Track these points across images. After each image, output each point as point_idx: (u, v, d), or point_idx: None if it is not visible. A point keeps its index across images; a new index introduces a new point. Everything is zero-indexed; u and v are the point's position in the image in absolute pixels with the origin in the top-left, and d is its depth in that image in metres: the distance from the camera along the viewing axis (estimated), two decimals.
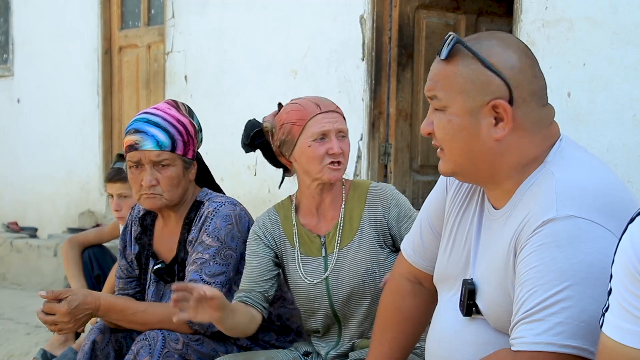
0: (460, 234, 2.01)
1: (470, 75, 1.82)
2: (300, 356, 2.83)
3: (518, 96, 1.81)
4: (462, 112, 1.83)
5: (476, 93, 1.82)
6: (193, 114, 3.01)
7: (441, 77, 1.86)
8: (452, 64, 1.84)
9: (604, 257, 1.66)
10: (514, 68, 1.82)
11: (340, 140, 2.73)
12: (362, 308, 2.74)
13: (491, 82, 1.81)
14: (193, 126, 2.95)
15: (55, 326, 2.73)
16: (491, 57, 1.82)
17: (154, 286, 3.03)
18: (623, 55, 3.71)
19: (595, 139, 3.80)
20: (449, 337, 1.95)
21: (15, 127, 8.32)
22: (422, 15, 5.30)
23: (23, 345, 4.74)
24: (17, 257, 6.93)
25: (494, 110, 1.81)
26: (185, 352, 2.76)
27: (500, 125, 1.82)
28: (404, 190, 5.25)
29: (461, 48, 1.83)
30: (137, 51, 7.25)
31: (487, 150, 1.84)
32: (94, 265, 4.33)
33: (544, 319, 1.65)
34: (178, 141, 2.88)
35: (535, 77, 1.84)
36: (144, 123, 2.88)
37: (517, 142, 1.83)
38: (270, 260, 2.79)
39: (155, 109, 2.94)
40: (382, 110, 5.17)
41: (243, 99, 5.89)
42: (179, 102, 3.01)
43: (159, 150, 2.85)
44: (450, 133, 1.86)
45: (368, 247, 2.74)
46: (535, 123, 1.83)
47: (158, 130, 2.86)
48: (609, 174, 1.81)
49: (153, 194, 2.89)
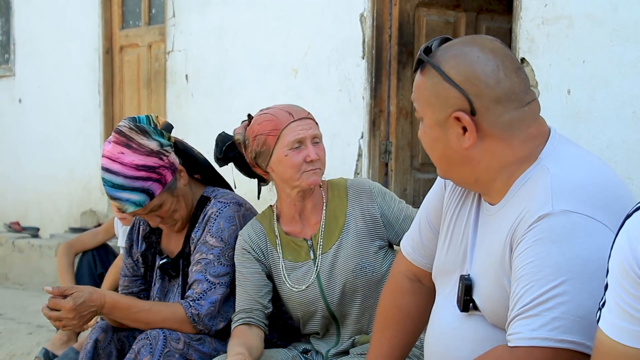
0: (457, 230, 2.01)
1: (433, 88, 1.85)
2: (299, 354, 2.83)
3: (480, 105, 1.81)
4: (432, 124, 1.87)
5: (440, 106, 1.84)
6: (147, 132, 2.84)
7: (416, 88, 1.91)
8: (422, 76, 1.89)
9: (600, 251, 1.66)
10: (473, 78, 1.81)
11: (315, 145, 2.73)
12: (357, 304, 2.74)
13: (450, 95, 1.83)
14: (152, 155, 2.82)
15: (59, 322, 2.74)
16: (451, 69, 1.83)
17: (159, 283, 3.04)
18: (623, 53, 3.71)
19: (595, 136, 3.79)
20: (447, 333, 1.96)
21: (16, 127, 8.33)
22: (422, 13, 5.31)
23: (25, 345, 4.75)
24: (19, 257, 6.94)
25: (458, 121, 1.82)
26: (187, 351, 2.76)
27: (467, 135, 1.83)
28: (405, 188, 5.26)
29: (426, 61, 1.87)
30: (138, 51, 7.26)
31: (462, 158, 1.86)
32: (97, 264, 4.34)
33: (540, 314, 1.65)
34: (152, 188, 2.83)
35: (498, 83, 1.81)
36: (111, 189, 2.82)
37: (490, 148, 1.83)
38: (264, 274, 2.81)
39: (110, 160, 2.81)
40: (383, 109, 5.18)
41: (244, 98, 5.90)
42: (125, 130, 2.83)
43: (141, 208, 2.87)
44: (428, 143, 1.91)
45: (356, 243, 2.74)
46: (507, 127, 1.82)
47: (128, 193, 2.82)
48: (604, 169, 1.81)
49: (166, 225, 2.98)
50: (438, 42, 1.91)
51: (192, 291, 2.83)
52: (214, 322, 2.82)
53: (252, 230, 2.84)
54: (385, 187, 5.17)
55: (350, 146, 5.18)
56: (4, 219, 8.03)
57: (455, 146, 1.85)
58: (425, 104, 1.87)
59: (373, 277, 2.72)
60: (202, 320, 2.79)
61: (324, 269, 2.75)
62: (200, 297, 2.80)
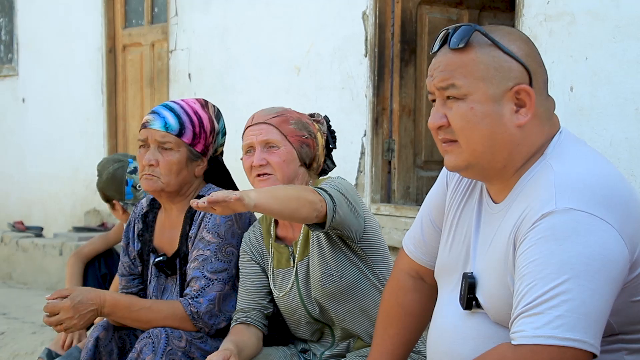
0: (460, 228, 2.01)
1: (492, 62, 1.82)
2: (298, 353, 2.83)
3: (535, 83, 1.84)
4: (484, 99, 1.82)
5: (499, 79, 1.82)
6: (220, 117, 3.03)
7: (457, 65, 1.84)
8: (468, 53, 1.84)
9: (603, 249, 1.66)
10: (530, 56, 1.85)
11: (266, 151, 2.69)
12: (340, 310, 2.69)
13: (513, 68, 1.82)
14: (212, 123, 2.96)
15: (60, 326, 2.73)
16: (511, 43, 1.84)
17: (155, 281, 3.03)
18: (625, 49, 3.70)
19: (598, 133, 3.79)
20: (450, 331, 1.95)
21: (20, 126, 8.34)
22: (424, 11, 5.30)
23: (29, 345, 4.76)
24: (22, 256, 6.95)
25: (515, 96, 1.82)
26: (189, 349, 2.76)
27: (522, 111, 1.83)
28: (408, 186, 5.25)
29: (475, 37, 1.84)
30: (141, 49, 7.26)
31: (508, 138, 1.83)
32: (101, 264, 4.33)
33: (543, 312, 1.65)
34: (187, 129, 2.89)
35: (543, 68, 1.88)
36: (161, 106, 2.94)
37: (533, 130, 1.85)
38: (263, 275, 2.81)
39: (182, 100, 3.00)
40: (386, 107, 5.17)
41: (247, 96, 5.90)
42: (210, 103, 3.03)
43: (164, 132, 2.87)
44: (473, 121, 1.83)
45: (319, 250, 2.67)
46: (545, 112, 1.86)
47: (170, 114, 2.89)
48: (607, 167, 1.81)
49: (151, 175, 2.89)
50: (473, 27, 1.88)
51: (190, 289, 2.83)
52: (214, 320, 2.82)
53: (252, 232, 2.85)
54: (388, 185, 5.20)
55: (353, 144, 5.18)
56: (7, 218, 8.05)
57: (507, 123, 1.83)
58: (478, 78, 1.82)
59: (343, 282, 2.65)
60: (201, 318, 2.79)
61: (301, 277, 2.73)
62: (199, 294, 2.80)
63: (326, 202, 2.46)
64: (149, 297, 3.05)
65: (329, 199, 2.47)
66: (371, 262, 2.71)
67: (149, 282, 3.07)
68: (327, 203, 2.46)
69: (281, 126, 2.72)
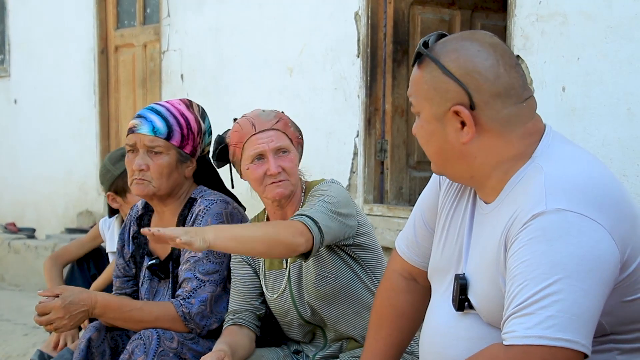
0: (452, 228, 2.01)
1: (432, 81, 1.85)
2: (291, 354, 2.83)
3: (479, 100, 1.81)
4: (430, 118, 1.87)
5: (439, 99, 1.84)
6: (205, 117, 3.02)
7: (413, 82, 1.91)
8: (420, 70, 1.88)
9: (594, 250, 1.66)
10: (473, 72, 1.81)
11: (280, 157, 2.66)
12: (333, 312, 2.69)
13: (450, 89, 1.83)
14: (198, 124, 2.96)
15: (50, 326, 2.72)
16: (450, 62, 1.83)
17: (147, 283, 3.03)
18: (617, 50, 3.70)
19: (590, 134, 3.79)
20: (442, 332, 1.95)
21: (12, 127, 8.32)
22: (417, 11, 5.30)
23: (21, 346, 4.74)
24: (15, 258, 6.94)
25: (457, 115, 1.82)
26: (181, 350, 2.76)
27: (465, 129, 1.83)
28: (401, 186, 5.25)
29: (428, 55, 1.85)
30: (133, 50, 7.25)
31: (458, 153, 1.86)
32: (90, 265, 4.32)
33: (534, 312, 1.65)
34: (175, 132, 2.89)
35: (498, 78, 1.82)
36: (147, 110, 2.93)
37: (488, 144, 1.84)
38: (255, 277, 2.81)
39: (166, 102, 2.99)
40: (378, 107, 5.17)
41: (240, 97, 5.89)
42: (194, 103, 3.02)
43: (153, 136, 2.87)
44: (424, 137, 1.91)
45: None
46: (506, 123, 1.83)
47: (157, 117, 2.89)
48: (598, 167, 1.81)
49: (142, 179, 2.89)
50: (435, 37, 1.91)
51: (182, 290, 2.83)
52: (206, 321, 2.82)
53: None
54: (381, 185, 5.19)
55: (345, 145, 5.18)
56: (0, 220, 8.02)
57: (452, 141, 1.85)
58: (423, 98, 1.86)
59: (337, 284, 2.66)
60: (193, 319, 2.79)
61: (294, 279, 2.73)
62: (190, 295, 2.80)
63: (313, 235, 2.43)
64: (140, 299, 3.05)
65: (316, 231, 2.44)
66: (364, 263, 2.71)
67: (141, 284, 3.06)
68: (315, 237, 2.43)
69: (286, 130, 2.71)
